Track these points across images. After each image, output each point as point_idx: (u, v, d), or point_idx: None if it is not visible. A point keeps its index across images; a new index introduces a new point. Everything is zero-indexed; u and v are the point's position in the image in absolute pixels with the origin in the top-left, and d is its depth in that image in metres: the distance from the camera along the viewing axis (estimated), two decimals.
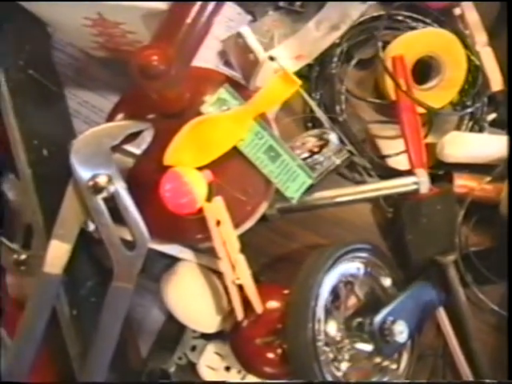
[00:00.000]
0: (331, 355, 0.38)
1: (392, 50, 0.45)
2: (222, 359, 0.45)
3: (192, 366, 0.45)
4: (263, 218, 0.45)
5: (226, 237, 0.39)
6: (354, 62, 0.47)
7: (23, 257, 0.45)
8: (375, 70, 0.49)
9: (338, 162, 0.45)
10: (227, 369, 0.45)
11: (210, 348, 0.45)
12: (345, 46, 0.46)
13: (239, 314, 0.39)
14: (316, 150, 0.46)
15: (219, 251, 0.39)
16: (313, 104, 0.47)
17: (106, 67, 0.50)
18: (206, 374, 0.45)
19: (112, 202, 0.37)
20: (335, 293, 0.42)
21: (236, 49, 0.39)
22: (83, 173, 0.36)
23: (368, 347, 0.38)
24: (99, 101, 0.50)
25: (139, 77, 0.32)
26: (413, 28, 0.47)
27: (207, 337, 0.46)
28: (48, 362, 0.37)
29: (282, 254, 0.49)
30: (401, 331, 0.37)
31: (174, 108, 0.38)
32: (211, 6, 0.34)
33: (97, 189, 0.36)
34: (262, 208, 0.43)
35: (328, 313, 0.40)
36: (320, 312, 0.38)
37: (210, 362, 0.45)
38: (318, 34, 0.46)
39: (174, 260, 0.46)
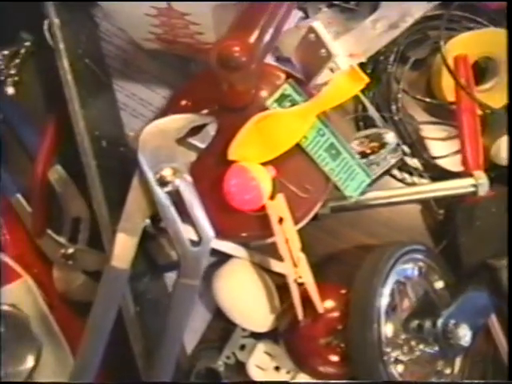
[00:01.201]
0: (392, 357, 0.38)
1: (450, 51, 0.45)
2: (271, 359, 0.44)
3: (240, 366, 0.45)
4: (313, 217, 0.45)
5: (289, 235, 0.38)
6: (411, 61, 0.46)
7: (71, 251, 0.45)
8: (427, 71, 0.49)
9: (392, 162, 0.45)
10: (276, 369, 0.44)
11: (260, 347, 0.44)
12: (402, 45, 0.46)
13: (299, 313, 0.38)
14: (369, 150, 0.45)
15: (281, 249, 0.38)
16: (367, 103, 0.46)
17: (154, 60, 0.49)
18: (255, 373, 0.44)
19: (175, 197, 0.37)
20: (391, 294, 0.41)
21: (302, 44, 0.38)
22: (149, 165, 0.35)
23: (430, 349, 0.38)
24: (147, 94, 0.49)
25: (218, 67, 0.31)
26: (469, 28, 0.47)
27: (257, 336, 0.45)
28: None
29: (330, 254, 0.48)
30: (464, 334, 0.37)
31: (239, 102, 0.38)
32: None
33: (162, 182, 0.35)
34: (319, 206, 0.43)
35: (386, 314, 0.39)
36: (382, 313, 0.37)
37: (260, 361, 0.44)
38: (375, 32, 0.45)
39: (222, 257, 0.46)
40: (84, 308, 0.45)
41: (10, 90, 0.47)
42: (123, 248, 0.33)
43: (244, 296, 0.43)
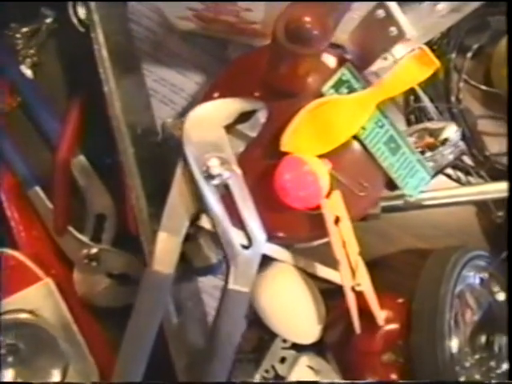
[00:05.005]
0: (462, 375, 0.33)
1: None
2: (315, 374, 0.40)
3: (280, 380, 0.41)
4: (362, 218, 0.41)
5: (346, 236, 0.34)
6: (474, 48, 0.42)
7: (94, 251, 0.40)
8: (484, 60, 0.45)
9: (450, 158, 0.41)
10: None
11: (303, 361, 0.40)
12: (462, 30, 0.42)
13: (357, 325, 0.34)
14: (426, 146, 0.41)
15: (338, 253, 0.34)
16: (421, 93, 0.43)
17: (187, 43, 0.45)
18: None
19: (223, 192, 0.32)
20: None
21: (365, 23, 0.34)
22: (195, 156, 0.30)
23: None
24: (179, 79, 0.45)
25: (286, 40, 0.27)
26: None
27: (298, 348, 0.41)
28: None
29: (377, 258, 0.44)
30: None
31: (296, 87, 0.33)
32: None
33: (209, 174, 0.31)
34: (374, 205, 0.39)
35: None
36: (452, 326, 0.33)
37: (302, 376, 0.40)
38: (433, 16, 0.41)
39: (263, 260, 0.42)
40: (107, 314, 0.42)
41: (29, 72, 0.43)
42: (166, 249, 0.29)
43: (288, 304, 0.38)
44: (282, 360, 0.41)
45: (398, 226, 0.44)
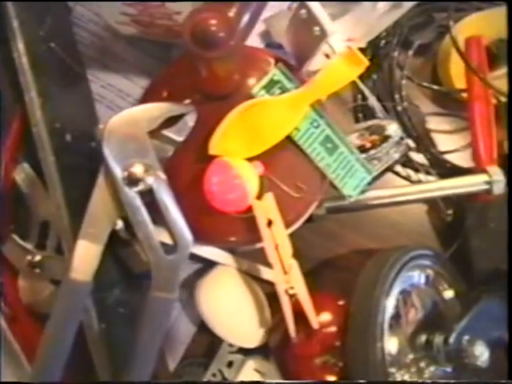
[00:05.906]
0: (397, 377, 0.33)
1: (459, 33, 0.40)
2: (261, 377, 0.40)
3: None
4: (307, 219, 0.40)
5: (278, 239, 0.34)
6: (416, 45, 0.42)
7: (38, 258, 0.40)
8: (432, 57, 0.44)
9: (396, 157, 0.41)
10: None
11: (250, 365, 0.39)
12: (405, 27, 0.42)
13: (291, 329, 0.34)
14: (369, 144, 0.41)
15: (270, 256, 0.34)
16: (366, 91, 0.42)
17: (133, 47, 0.45)
18: None
19: (148, 197, 0.32)
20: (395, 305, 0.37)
21: (293, 24, 0.34)
22: (116, 161, 0.30)
23: (441, 371, 0.33)
24: (125, 84, 0.44)
25: (192, 44, 0.27)
26: (479, 9, 0.43)
27: (246, 352, 0.40)
28: None
29: (327, 260, 0.43)
30: (481, 353, 0.32)
31: (220, 89, 0.33)
32: None
33: (132, 180, 0.30)
34: (313, 207, 0.38)
35: (390, 328, 0.35)
36: (386, 328, 0.33)
37: (249, 380, 0.40)
38: (376, 13, 0.41)
39: (207, 264, 0.41)
40: None
41: None
42: (85, 257, 0.28)
43: (230, 308, 0.38)
44: (230, 364, 0.40)
45: (348, 227, 0.44)
